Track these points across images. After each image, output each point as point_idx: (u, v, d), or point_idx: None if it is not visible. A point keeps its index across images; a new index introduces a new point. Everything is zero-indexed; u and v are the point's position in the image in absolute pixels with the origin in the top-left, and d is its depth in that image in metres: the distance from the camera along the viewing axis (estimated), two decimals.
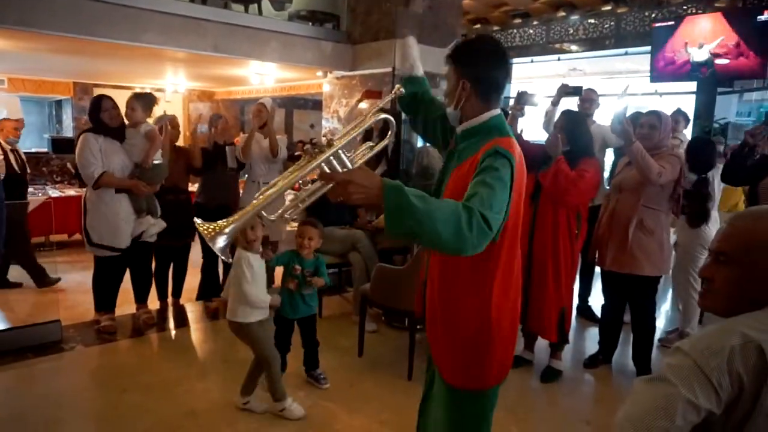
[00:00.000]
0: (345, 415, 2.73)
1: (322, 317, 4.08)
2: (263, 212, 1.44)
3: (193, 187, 4.49)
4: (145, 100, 3.80)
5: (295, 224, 4.71)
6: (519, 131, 3.26)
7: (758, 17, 6.84)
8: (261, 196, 1.45)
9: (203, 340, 3.86)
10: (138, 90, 8.35)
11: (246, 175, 4.43)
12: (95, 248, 3.64)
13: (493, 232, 1.33)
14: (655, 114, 3.14)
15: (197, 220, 1.37)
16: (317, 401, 2.85)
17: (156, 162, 3.74)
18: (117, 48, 4.53)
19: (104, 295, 3.79)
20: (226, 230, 1.34)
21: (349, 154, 1.47)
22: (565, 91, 3.58)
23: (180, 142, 4.71)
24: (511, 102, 3.31)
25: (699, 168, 3.55)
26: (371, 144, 1.65)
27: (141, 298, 3.99)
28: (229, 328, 2.67)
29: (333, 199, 1.31)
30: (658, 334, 3.64)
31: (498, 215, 1.35)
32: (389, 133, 1.67)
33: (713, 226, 3.58)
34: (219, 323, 4.00)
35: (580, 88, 3.68)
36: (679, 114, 4.62)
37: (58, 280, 4.83)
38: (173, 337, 3.87)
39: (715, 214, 3.67)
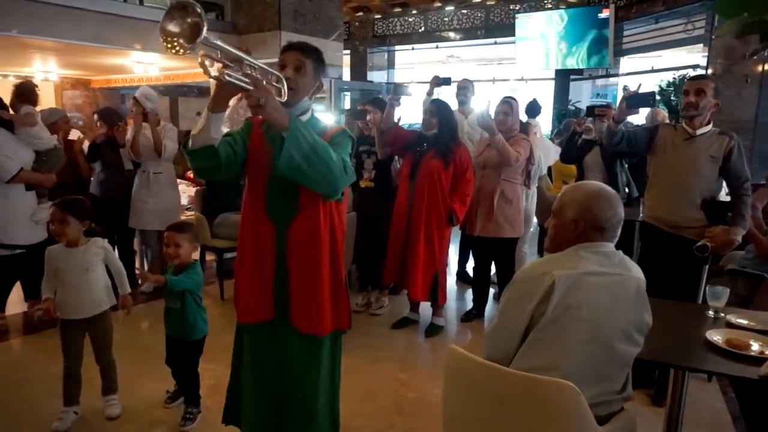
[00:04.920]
0: None
1: (224, 299, 4.28)
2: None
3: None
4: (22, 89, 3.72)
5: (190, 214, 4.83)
6: (397, 119, 3.68)
7: (599, 14, 7.89)
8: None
9: None
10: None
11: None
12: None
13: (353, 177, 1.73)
14: (508, 102, 3.72)
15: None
16: None
17: (54, 146, 3.69)
18: None
19: None
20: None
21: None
22: (437, 82, 4.04)
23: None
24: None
25: None
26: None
27: (32, 293, 3.91)
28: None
29: (249, 101, 1.45)
30: None
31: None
32: (283, 95, 1.68)
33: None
34: (118, 313, 4.04)
35: (449, 78, 4.16)
36: (534, 103, 5.30)
37: None
38: None
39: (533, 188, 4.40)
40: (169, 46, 1.29)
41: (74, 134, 5.50)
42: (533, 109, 5.18)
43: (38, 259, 3.68)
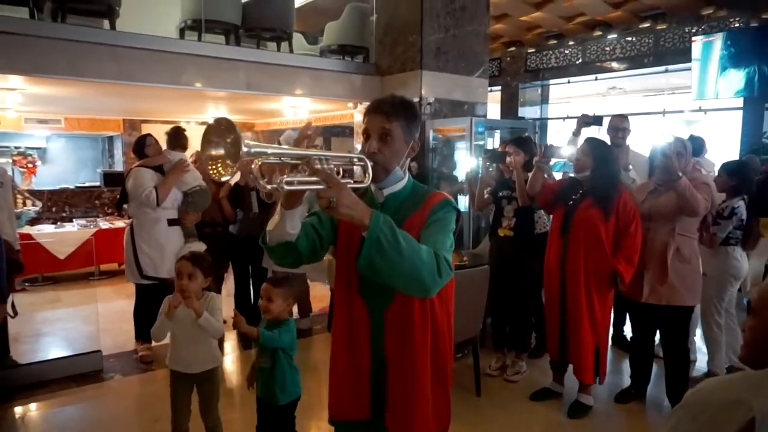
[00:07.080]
0: None
1: None
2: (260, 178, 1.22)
3: None
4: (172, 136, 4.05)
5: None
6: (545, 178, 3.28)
7: None
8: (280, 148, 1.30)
9: (236, 370, 3.96)
10: (182, 124, 8.80)
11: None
12: (146, 279, 3.82)
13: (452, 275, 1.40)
14: (681, 142, 3.07)
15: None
16: None
17: (200, 187, 3.95)
18: (158, 89, 4.82)
19: (144, 324, 3.96)
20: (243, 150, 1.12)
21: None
22: (585, 121, 3.55)
23: None
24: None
25: (746, 189, 3.41)
26: (349, 180, 1.45)
27: None
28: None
29: (320, 203, 1.25)
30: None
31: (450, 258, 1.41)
32: (366, 176, 1.48)
33: (743, 258, 3.42)
34: (252, 353, 4.10)
35: (600, 118, 3.64)
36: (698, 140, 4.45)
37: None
38: None
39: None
40: (214, 171, 1.17)
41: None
42: (696, 146, 4.32)
43: None
